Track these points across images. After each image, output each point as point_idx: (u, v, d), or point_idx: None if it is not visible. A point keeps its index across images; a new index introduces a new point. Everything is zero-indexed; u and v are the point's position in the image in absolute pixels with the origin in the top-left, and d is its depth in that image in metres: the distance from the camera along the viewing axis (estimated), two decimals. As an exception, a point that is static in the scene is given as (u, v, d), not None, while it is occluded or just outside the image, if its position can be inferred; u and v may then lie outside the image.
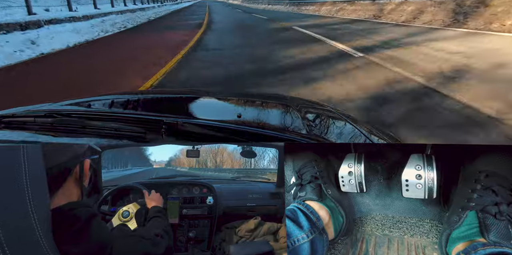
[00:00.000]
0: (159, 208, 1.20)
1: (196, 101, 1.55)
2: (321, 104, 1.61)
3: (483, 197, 0.87)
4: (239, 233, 1.43)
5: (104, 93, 1.57)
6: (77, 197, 0.68)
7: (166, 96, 1.57)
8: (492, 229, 0.83)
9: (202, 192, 1.60)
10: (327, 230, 1.02)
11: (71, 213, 0.59)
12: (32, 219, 0.53)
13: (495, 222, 0.84)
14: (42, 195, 0.56)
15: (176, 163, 2.07)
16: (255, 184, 1.75)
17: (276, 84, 4.31)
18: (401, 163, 1.05)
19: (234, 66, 5.53)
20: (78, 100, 1.32)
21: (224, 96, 1.70)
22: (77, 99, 1.33)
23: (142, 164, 2.08)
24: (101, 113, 1.08)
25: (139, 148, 1.99)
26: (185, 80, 4.88)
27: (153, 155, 2.11)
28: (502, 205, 0.85)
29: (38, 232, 0.53)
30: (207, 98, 1.62)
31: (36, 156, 0.56)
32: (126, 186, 1.50)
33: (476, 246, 0.83)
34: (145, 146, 1.89)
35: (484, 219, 0.85)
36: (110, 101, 1.43)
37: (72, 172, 0.66)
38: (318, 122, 1.31)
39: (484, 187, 0.88)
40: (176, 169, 2.04)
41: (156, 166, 2.04)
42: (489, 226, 0.84)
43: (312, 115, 1.36)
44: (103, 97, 1.50)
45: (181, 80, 4.86)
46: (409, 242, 1.04)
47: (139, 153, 2.06)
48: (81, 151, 0.70)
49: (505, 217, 0.84)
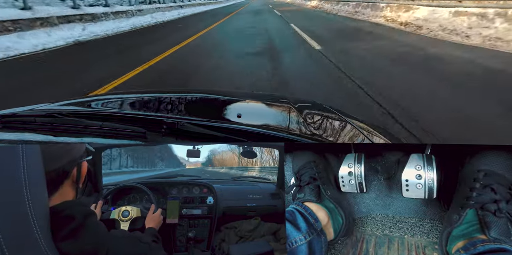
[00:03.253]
0: (154, 232, 1.17)
1: (196, 101, 1.55)
2: (321, 104, 1.60)
3: (482, 195, 0.88)
4: (239, 233, 1.43)
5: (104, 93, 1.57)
6: (74, 197, 0.68)
7: (166, 96, 1.57)
8: (492, 226, 0.84)
9: (202, 192, 1.60)
10: (326, 231, 1.02)
11: (68, 212, 0.59)
12: (30, 218, 0.53)
13: (495, 219, 0.85)
14: (40, 194, 0.56)
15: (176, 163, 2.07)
16: (255, 184, 1.75)
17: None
18: (401, 163, 1.05)
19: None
20: (78, 100, 1.32)
21: (224, 96, 1.70)
22: (77, 99, 1.33)
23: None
24: (101, 113, 1.08)
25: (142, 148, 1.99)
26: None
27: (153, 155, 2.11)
28: (501, 202, 0.86)
29: (36, 231, 0.53)
30: (207, 98, 1.62)
31: (35, 155, 0.56)
32: (127, 185, 1.50)
33: (476, 242, 0.83)
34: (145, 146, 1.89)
35: (484, 216, 0.86)
36: (110, 101, 1.43)
37: (70, 171, 0.66)
38: (318, 122, 1.31)
39: (483, 185, 0.89)
40: (176, 169, 2.04)
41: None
42: (489, 223, 0.85)
43: (312, 115, 1.36)
44: (103, 97, 1.50)
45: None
46: (409, 242, 1.04)
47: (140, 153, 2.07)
48: (80, 151, 0.70)
49: (504, 214, 0.85)
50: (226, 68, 5.38)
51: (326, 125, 1.29)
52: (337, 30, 9.86)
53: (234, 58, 6.20)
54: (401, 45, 6.93)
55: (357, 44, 7.14)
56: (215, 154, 2.03)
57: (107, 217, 1.27)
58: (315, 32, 9.35)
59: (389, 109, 3.20)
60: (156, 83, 4.60)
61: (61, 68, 5.64)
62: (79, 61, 6.28)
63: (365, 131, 1.21)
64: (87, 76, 4.99)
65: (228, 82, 4.45)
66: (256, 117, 1.28)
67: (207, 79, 4.69)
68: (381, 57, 5.85)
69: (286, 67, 5.37)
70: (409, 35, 8.53)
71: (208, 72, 5.06)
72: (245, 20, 14.88)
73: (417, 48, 6.50)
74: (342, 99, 3.61)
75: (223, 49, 7.26)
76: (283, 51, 6.73)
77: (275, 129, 1.01)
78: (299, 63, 5.71)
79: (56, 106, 1.21)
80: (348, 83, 4.25)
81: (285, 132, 0.98)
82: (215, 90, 2.83)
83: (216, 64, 5.66)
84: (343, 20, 13.72)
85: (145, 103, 1.46)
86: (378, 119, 2.93)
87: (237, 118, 1.11)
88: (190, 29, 11.19)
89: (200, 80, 4.64)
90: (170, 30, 11.81)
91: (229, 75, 4.91)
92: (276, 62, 5.70)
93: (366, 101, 3.51)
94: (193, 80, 4.66)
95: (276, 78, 4.61)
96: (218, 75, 4.89)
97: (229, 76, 4.84)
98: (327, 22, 13.11)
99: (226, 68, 5.40)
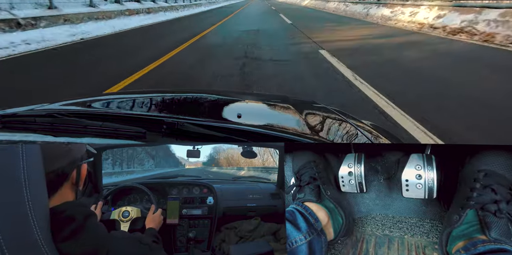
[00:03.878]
0: (155, 233, 1.17)
1: (196, 101, 1.55)
2: (321, 104, 1.60)
3: (483, 195, 0.88)
4: (239, 233, 1.43)
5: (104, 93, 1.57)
6: (74, 198, 0.68)
7: (166, 96, 1.57)
8: (492, 227, 0.84)
9: (202, 192, 1.59)
10: (326, 231, 1.02)
11: (68, 213, 0.59)
12: (30, 219, 0.53)
13: (495, 219, 0.85)
14: (40, 195, 0.56)
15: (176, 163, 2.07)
16: (255, 184, 1.75)
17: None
18: (401, 163, 1.05)
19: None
20: (78, 100, 1.32)
21: (224, 96, 1.70)
22: (77, 99, 1.33)
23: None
24: (101, 113, 1.08)
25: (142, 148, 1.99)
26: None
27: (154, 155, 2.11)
28: (502, 203, 0.86)
29: (36, 232, 0.53)
30: (207, 98, 1.62)
31: (35, 156, 0.56)
32: (127, 186, 1.50)
33: (476, 242, 0.83)
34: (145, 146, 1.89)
35: (484, 217, 0.86)
36: (110, 101, 1.43)
37: (70, 173, 0.66)
38: (318, 122, 1.31)
39: (483, 185, 0.89)
40: (176, 169, 2.04)
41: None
42: (490, 223, 0.85)
43: (312, 115, 1.36)
44: (103, 97, 1.50)
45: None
46: (409, 242, 1.04)
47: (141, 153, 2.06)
48: (80, 152, 0.70)
49: (505, 215, 0.85)
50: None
51: (326, 125, 1.29)
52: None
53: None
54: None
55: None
56: (215, 154, 2.02)
57: (107, 217, 1.27)
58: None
59: (305, 32, 10.30)
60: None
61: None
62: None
63: (365, 131, 1.21)
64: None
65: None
66: (256, 117, 1.28)
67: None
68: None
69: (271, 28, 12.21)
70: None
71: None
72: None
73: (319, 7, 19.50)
74: (292, 32, 10.72)
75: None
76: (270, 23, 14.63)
77: (275, 129, 1.01)
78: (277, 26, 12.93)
79: (56, 106, 1.21)
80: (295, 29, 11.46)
81: (285, 132, 0.98)
82: (215, 90, 2.83)
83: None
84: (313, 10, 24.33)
85: (145, 103, 1.46)
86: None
87: (237, 118, 1.11)
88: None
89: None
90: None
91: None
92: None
93: (301, 35, 9.84)
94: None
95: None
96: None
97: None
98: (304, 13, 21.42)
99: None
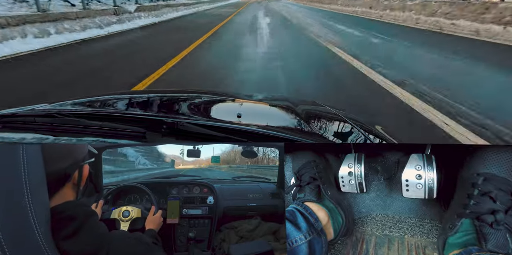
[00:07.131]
0: (154, 234, 1.17)
1: (196, 101, 1.55)
2: (321, 104, 1.60)
3: (480, 204, 0.85)
4: (239, 233, 1.43)
5: (104, 93, 1.57)
6: (75, 198, 0.68)
7: (166, 96, 1.57)
8: (489, 238, 0.81)
9: (202, 192, 1.60)
10: (326, 231, 1.02)
11: (69, 213, 0.59)
12: (31, 218, 0.53)
13: (492, 231, 0.82)
14: (41, 194, 0.56)
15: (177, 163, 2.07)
16: (255, 184, 1.75)
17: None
18: (401, 163, 1.05)
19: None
20: (78, 100, 1.32)
21: (225, 96, 1.70)
22: (77, 99, 1.33)
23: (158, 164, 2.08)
24: (101, 113, 1.08)
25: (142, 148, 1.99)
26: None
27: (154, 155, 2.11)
28: (499, 213, 0.82)
29: (37, 231, 0.53)
30: (207, 98, 1.62)
31: (36, 156, 0.56)
32: (128, 185, 1.50)
33: (471, 251, 0.82)
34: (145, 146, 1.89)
35: (481, 227, 0.83)
36: (110, 101, 1.43)
37: (72, 174, 0.66)
38: (318, 122, 1.31)
39: (481, 192, 0.86)
40: (176, 169, 2.04)
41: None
42: (486, 235, 0.82)
43: (312, 115, 1.36)
44: (103, 97, 1.49)
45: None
46: (409, 242, 1.04)
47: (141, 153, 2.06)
48: (82, 153, 0.70)
49: (503, 226, 0.82)
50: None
51: (326, 125, 1.29)
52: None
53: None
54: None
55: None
56: (215, 154, 2.02)
57: (108, 217, 1.27)
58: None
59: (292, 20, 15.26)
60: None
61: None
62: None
63: (365, 131, 1.21)
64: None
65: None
66: (256, 117, 1.28)
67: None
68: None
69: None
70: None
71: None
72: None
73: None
74: (283, 19, 15.77)
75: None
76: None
77: (275, 129, 1.01)
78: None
79: (56, 106, 1.21)
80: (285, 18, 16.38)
81: (285, 132, 0.98)
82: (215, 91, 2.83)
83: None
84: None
85: (145, 103, 1.46)
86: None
87: (237, 118, 1.11)
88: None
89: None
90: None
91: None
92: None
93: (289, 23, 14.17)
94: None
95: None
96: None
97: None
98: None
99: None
